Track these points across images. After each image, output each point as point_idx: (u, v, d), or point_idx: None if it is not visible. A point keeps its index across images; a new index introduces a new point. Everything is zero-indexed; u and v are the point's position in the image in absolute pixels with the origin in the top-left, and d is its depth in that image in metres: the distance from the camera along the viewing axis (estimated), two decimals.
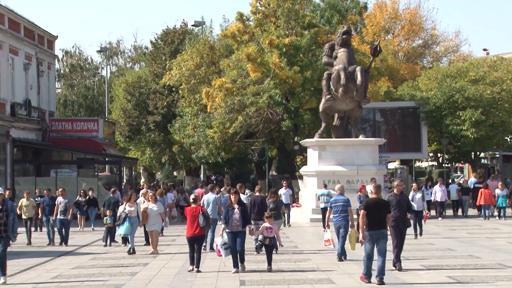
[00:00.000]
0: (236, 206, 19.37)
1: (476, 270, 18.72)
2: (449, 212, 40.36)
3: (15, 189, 40.27)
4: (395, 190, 18.81)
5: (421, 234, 27.61)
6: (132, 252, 24.20)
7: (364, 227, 16.91)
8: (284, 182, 37.10)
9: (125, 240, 26.03)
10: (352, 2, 63.84)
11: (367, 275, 16.93)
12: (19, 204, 29.78)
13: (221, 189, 35.04)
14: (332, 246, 21.78)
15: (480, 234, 29.32)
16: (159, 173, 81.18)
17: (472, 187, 42.31)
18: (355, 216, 20.90)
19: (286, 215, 33.32)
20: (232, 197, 19.62)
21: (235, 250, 19.19)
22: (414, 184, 30.74)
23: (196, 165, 62.27)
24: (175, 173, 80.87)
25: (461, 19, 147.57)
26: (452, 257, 21.42)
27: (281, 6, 47.08)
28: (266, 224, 19.75)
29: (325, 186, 32.83)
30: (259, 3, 48.37)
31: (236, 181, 52.00)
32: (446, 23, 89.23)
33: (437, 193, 38.09)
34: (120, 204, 26.36)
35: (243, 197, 25.71)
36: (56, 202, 28.79)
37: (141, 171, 75.31)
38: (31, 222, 30.15)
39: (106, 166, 64.71)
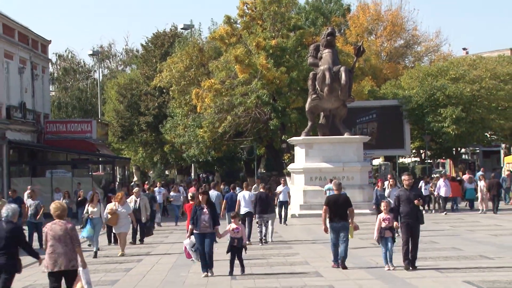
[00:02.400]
0: (205, 206, 17.75)
1: (458, 261, 18.77)
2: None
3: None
4: (405, 184, 17.84)
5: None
6: (95, 256, 22.77)
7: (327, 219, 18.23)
8: (282, 179, 36.44)
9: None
10: (336, 5, 63.97)
11: (335, 261, 18.31)
12: None
13: (253, 186, 34.68)
14: None
15: (461, 227, 29.36)
16: (151, 172, 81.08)
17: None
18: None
19: (283, 213, 32.74)
20: (201, 197, 17.90)
21: (204, 252, 17.71)
22: (391, 180, 29.31)
23: (187, 163, 62.37)
24: (167, 172, 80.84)
25: (441, 20, 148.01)
26: (435, 249, 21.45)
27: (267, 9, 47.17)
28: (233, 225, 18.09)
29: (331, 181, 31.95)
30: (246, 6, 48.44)
31: (226, 179, 52.06)
32: (427, 23, 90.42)
33: (441, 188, 37.30)
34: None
35: (248, 193, 26.17)
36: (26, 204, 27.00)
37: (133, 170, 75.24)
38: None
39: (100, 166, 64.64)
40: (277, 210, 33.47)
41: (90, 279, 13.32)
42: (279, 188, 33.16)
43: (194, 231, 17.77)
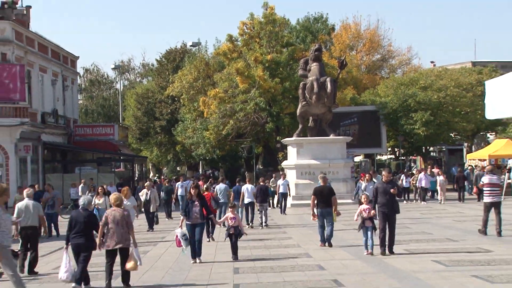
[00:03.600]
0: (196, 199, 16.78)
1: (428, 244, 18.78)
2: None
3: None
4: (383, 179, 17.42)
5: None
6: None
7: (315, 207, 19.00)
8: (282, 173, 35.72)
9: None
10: (322, 25, 63.80)
11: (322, 241, 19.02)
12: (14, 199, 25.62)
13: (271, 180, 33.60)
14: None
15: (430, 214, 29.34)
16: (165, 168, 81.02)
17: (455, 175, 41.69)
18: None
19: (283, 204, 31.99)
20: (192, 191, 16.97)
21: (194, 241, 16.73)
22: (367, 175, 28.24)
23: (196, 161, 62.34)
24: (178, 168, 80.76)
25: (412, 37, 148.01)
26: (407, 233, 21.42)
27: (264, 28, 47.21)
28: (230, 214, 17.37)
29: (370, 175, 30.72)
30: (245, 26, 48.49)
31: (229, 174, 51.90)
32: (400, 40, 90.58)
33: (422, 180, 36.70)
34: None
35: (251, 186, 26.78)
36: (43, 197, 25.72)
37: (150, 167, 75.21)
38: None
39: (121, 163, 64.67)
40: (276, 200, 33.13)
41: (140, 256, 14.15)
42: (280, 182, 32.55)
43: (186, 222, 16.80)
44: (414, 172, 43.84)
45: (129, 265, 13.75)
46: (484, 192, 20.75)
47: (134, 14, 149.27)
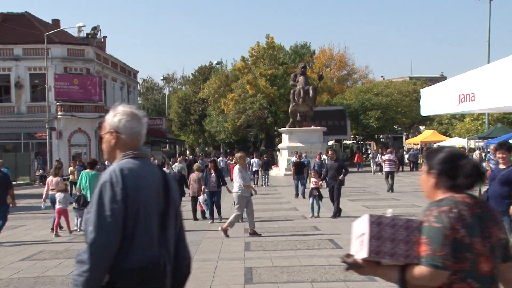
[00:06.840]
0: (213, 171, 14.93)
1: (378, 202, 18.68)
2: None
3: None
4: (330, 158, 16.40)
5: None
6: None
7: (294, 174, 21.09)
8: (295, 152, 34.10)
9: None
10: (307, 50, 63.19)
11: (296, 195, 20.80)
12: (69, 171, 23.48)
13: (293, 157, 32.04)
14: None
15: (381, 182, 29.11)
16: (197, 148, 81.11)
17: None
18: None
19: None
20: (210, 165, 15.16)
21: (212, 206, 14.96)
22: (329, 153, 27.26)
23: (218, 143, 62.29)
24: (206, 148, 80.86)
25: (369, 59, 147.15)
26: (364, 194, 21.40)
27: (266, 52, 47.08)
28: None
29: (320, 154, 29.66)
30: (253, 50, 48.34)
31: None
32: (361, 61, 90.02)
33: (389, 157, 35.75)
34: None
35: (257, 160, 27.64)
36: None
37: (186, 147, 75.27)
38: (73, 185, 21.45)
39: (167, 144, 64.78)
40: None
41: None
42: (293, 159, 28.54)
43: (206, 190, 15.00)
44: (369, 152, 43.78)
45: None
46: (385, 165, 22.59)
47: (177, 42, 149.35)
